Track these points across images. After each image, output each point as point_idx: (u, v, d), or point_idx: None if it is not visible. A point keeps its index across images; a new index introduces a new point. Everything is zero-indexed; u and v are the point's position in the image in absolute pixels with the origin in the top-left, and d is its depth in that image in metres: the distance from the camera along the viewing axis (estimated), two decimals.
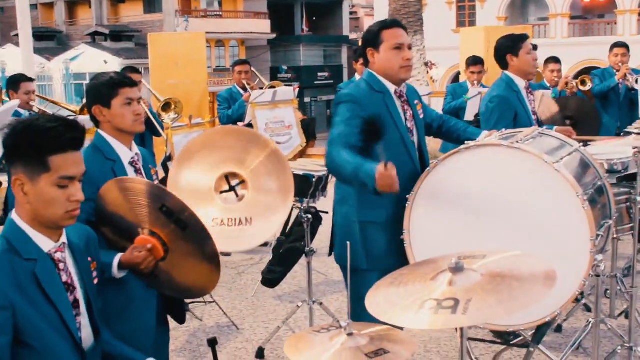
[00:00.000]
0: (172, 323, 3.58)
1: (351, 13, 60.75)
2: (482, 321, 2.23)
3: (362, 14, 59.49)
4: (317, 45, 45.66)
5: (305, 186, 4.70)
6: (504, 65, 4.84)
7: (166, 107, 6.74)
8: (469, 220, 3.34)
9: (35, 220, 2.28)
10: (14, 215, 2.32)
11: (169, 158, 5.68)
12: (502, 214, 3.27)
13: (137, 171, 3.25)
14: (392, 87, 3.65)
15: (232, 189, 3.55)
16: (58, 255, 2.34)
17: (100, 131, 3.21)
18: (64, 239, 2.38)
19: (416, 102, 3.80)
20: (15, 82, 6.22)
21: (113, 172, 3.13)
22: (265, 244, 7.70)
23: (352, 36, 45.87)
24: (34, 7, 45.39)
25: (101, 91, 3.17)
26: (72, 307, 2.36)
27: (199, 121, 6.28)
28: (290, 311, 5.23)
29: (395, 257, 3.50)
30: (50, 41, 42.13)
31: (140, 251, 2.85)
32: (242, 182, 3.62)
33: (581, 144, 3.74)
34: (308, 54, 44.85)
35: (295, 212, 5.07)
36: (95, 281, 2.52)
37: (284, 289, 6.55)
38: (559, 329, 5.24)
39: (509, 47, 4.80)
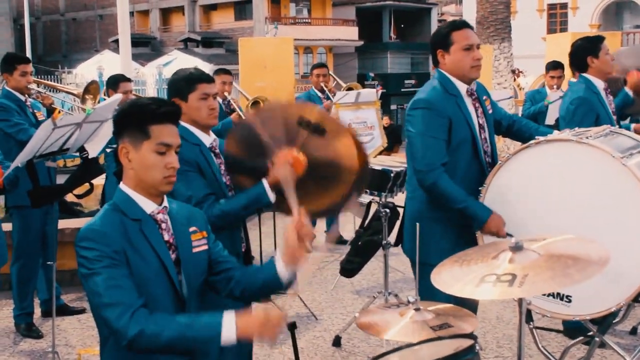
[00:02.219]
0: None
1: (440, 21, 60.48)
2: (536, 293, 2.39)
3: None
4: (404, 53, 45.72)
5: (383, 181, 4.90)
6: (582, 67, 4.90)
7: (254, 105, 7.07)
8: (537, 214, 3.47)
9: (139, 186, 2.57)
10: (121, 184, 2.62)
11: None
12: (570, 208, 3.39)
13: (216, 156, 3.49)
14: (463, 87, 3.81)
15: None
16: (160, 217, 2.60)
17: (180, 122, 3.50)
18: (165, 203, 2.65)
19: (485, 98, 3.96)
20: (115, 82, 6.62)
21: (202, 154, 3.39)
22: (345, 242, 7.92)
23: None
24: (130, 14, 47.12)
25: (180, 85, 3.43)
26: (174, 264, 2.60)
27: None
28: (367, 302, 5.44)
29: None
30: (144, 47, 43.64)
31: (284, 165, 3.16)
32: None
33: None
34: (395, 61, 44.96)
35: (374, 207, 5.28)
36: (200, 248, 2.70)
37: (362, 284, 6.78)
38: (634, 331, 5.27)
39: (588, 49, 4.87)
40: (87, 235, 2.43)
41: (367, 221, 5.22)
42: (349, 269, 5.15)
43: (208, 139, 3.50)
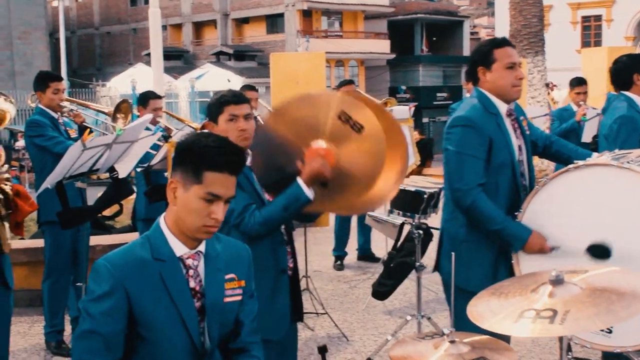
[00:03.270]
0: None
1: (472, 33, 60.14)
2: (579, 331, 2.29)
3: (484, 34, 58.78)
4: (436, 66, 45.51)
5: (417, 202, 4.81)
6: (626, 85, 4.76)
7: None
8: (575, 242, 3.36)
9: (176, 225, 2.48)
10: (161, 218, 2.54)
11: None
12: (610, 238, 3.28)
13: (251, 169, 3.41)
14: (503, 107, 3.71)
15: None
16: (189, 262, 2.50)
17: None
18: (201, 248, 2.54)
19: (522, 118, 3.85)
20: (145, 99, 6.60)
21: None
22: (377, 259, 7.81)
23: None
24: (163, 27, 47.50)
25: (211, 108, 3.44)
26: (196, 312, 2.49)
27: None
28: (400, 324, 5.34)
29: (503, 278, 3.57)
30: (177, 60, 43.99)
31: (316, 159, 3.14)
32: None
33: None
34: (427, 74, 44.75)
35: (407, 228, 5.19)
36: (233, 299, 2.59)
37: (394, 304, 6.67)
38: None
39: (633, 66, 4.74)
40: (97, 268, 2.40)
41: (399, 242, 5.14)
42: (382, 291, 5.07)
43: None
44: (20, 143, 20.03)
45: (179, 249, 2.49)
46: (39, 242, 5.55)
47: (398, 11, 45.27)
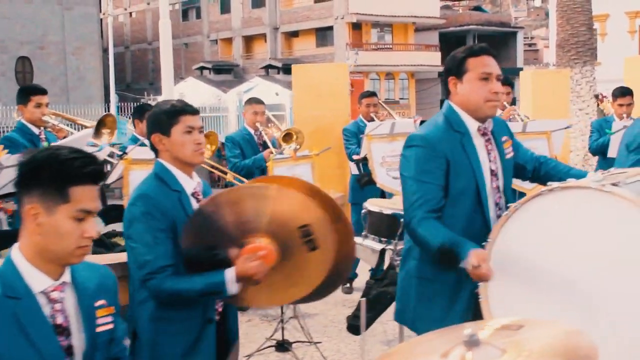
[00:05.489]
0: None
1: (530, 45, 58.94)
2: None
3: (542, 45, 57.56)
4: None
5: (394, 226, 4.30)
6: None
7: (287, 137, 6.53)
8: (549, 276, 2.82)
9: (39, 255, 2.15)
10: (14, 250, 2.19)
11: None
12: (587, 270, 2.73)
13: (198, 202, 3.08)
14: (474, 124, 3.17)
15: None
16: (55, 295, 2.18)
17: (160, 160, 3.07)
18: (65, 277, 2.22)
19: (504, 139, 3.29)
20: (141, 112, 6.25)
21: (180, 203, 3.00)
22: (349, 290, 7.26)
23: (530, 69, 44.37)
24: (214, 42, 47.97)
25: (161, 119, 3.05)
26: (63, 352, 2.17)
27: (305, 153, 5.98)
28: None
29: (459, 321, 3.04)
30: (227, 74, 44.10)
31: (253, 260, 2.78)
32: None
33: None
34: None
35: (389, 254, 4.67)
36: (105, 327, 2.31)
37: (395, 332, 6.13)
38: None
39: None
40: None
41: (378, 270, 4.62)
42: (358, 325, 4.54)
43: (191, 183, 3.08)
44: None
45: (41, 282, 2.16)
46: None
47: (450, 23, 44.57)
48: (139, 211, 2.88)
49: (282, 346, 5.73)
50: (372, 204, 4.77)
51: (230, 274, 2.79)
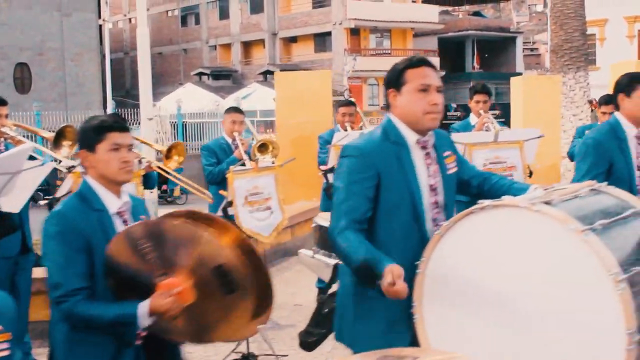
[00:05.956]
0: None
1: (532, 50, 58.80)
2: None
3: (543, 50, 57.42)
4: (488, 83, 43.64)
5: None
6: (617, 105, 4.17)
7: (262, 147, 6.35)
8: (482, 295, 2.73)
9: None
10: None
11: (229, 204, 5.33)
12: (519, 290, 2.64)
13: (124, 222, 3.00)
14: (412, 137, 3.04)
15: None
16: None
17: (87, 178, 2.99)
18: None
19: (447, 153, 3.17)
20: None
21: (100, 223, 2.91)
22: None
23: (532, 74, 44.29)
24: (213, 47, 47.99)
25: (88, 135, 2.98)
26: None
27: (267, 164, 5.84)
28: None
29: (396, 339, 2.94)
30: (226, 80, 44.11)
31: (167, 297, 2.70)
32: None
33: None
34: None
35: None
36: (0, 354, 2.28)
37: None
38: None
39: (622, 85, 4.12)
40: None
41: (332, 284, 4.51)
42: (309, 342, 4.42)
43: (116, 202, 2.98)
44: None
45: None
46: None
47: (448, 28, 44.52)
48: (54, 230, 2.80)
49: (247, 359, 5.63)
50: (322, 218, 4.66)
51: (143, 308, 2.73)
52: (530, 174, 6.46)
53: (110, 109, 31.92)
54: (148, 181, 5.24)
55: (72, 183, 4.20)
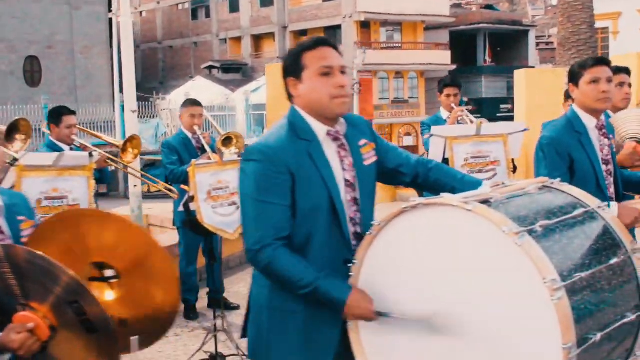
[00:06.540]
0: None
1: (547, 43, 58.12)
2: None
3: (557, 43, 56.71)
4: (499, 77, 44.01)
5: None
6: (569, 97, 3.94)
7: (227, 141, 6.02)
8: (419, 301, 2.49)
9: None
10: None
11: (191, 199, 5.10)
12: (455, 294, 2.40)
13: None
14: (322, 129, 2.72)
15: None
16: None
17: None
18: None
19: (364, 142, 2.84)
20: (57, 115, 5.76)
21: None
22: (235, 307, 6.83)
23: (547, 67, 43.80)
24: (223, 41, 47.81)
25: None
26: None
27: (233, 158, 5.57)
28: None
29: (323, 355, 2.71)
30: (236, 73, 43.94)
31: (20, 332, 2.36)
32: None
33: (606, 204, 2.72)
34: (490, 86, 43.37)
35: None
36: None
37: None
38: None
39: (571, 75, 3.84)
40: None
41: None
42: None
43: None
44: None
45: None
46: None
47: (460, 21, 44.07)
48: None
49: (215, 359, 5.43)
50: None
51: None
52: (515, 169, 6.21)
53: (117, 102, 31.80)
54: (102, 176, 5.05)
55: (15, 177, 3.99)
